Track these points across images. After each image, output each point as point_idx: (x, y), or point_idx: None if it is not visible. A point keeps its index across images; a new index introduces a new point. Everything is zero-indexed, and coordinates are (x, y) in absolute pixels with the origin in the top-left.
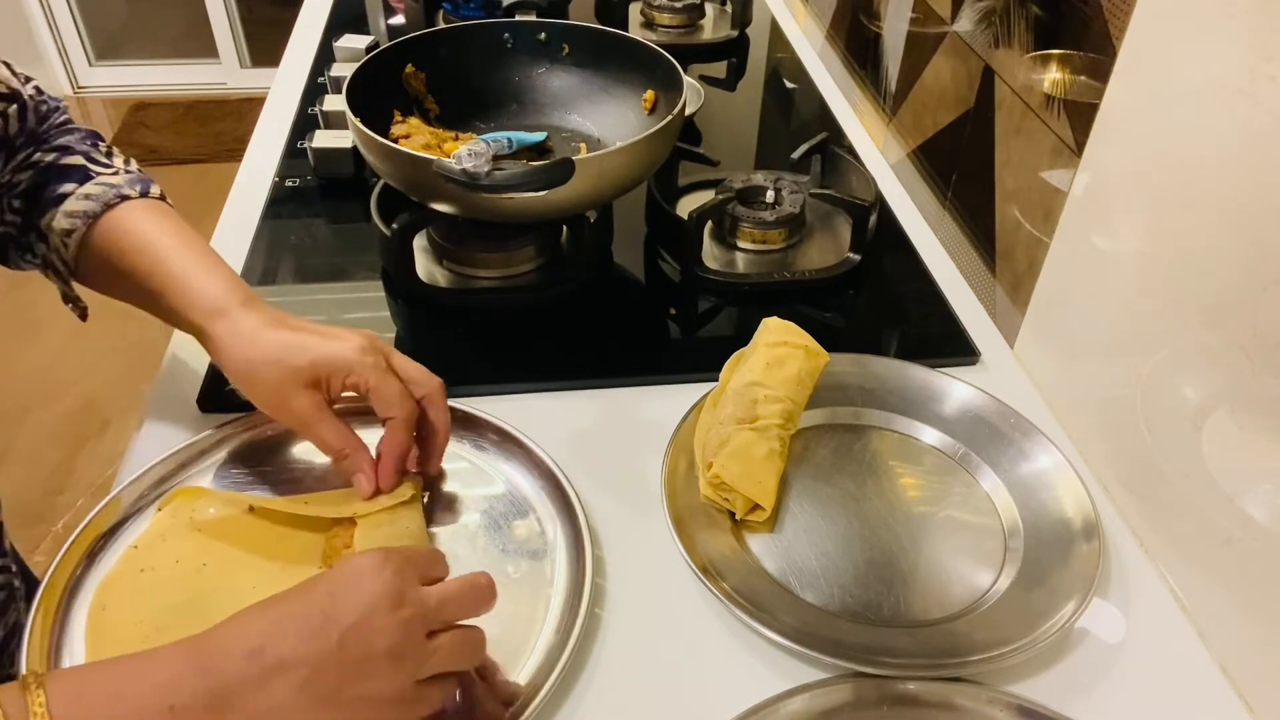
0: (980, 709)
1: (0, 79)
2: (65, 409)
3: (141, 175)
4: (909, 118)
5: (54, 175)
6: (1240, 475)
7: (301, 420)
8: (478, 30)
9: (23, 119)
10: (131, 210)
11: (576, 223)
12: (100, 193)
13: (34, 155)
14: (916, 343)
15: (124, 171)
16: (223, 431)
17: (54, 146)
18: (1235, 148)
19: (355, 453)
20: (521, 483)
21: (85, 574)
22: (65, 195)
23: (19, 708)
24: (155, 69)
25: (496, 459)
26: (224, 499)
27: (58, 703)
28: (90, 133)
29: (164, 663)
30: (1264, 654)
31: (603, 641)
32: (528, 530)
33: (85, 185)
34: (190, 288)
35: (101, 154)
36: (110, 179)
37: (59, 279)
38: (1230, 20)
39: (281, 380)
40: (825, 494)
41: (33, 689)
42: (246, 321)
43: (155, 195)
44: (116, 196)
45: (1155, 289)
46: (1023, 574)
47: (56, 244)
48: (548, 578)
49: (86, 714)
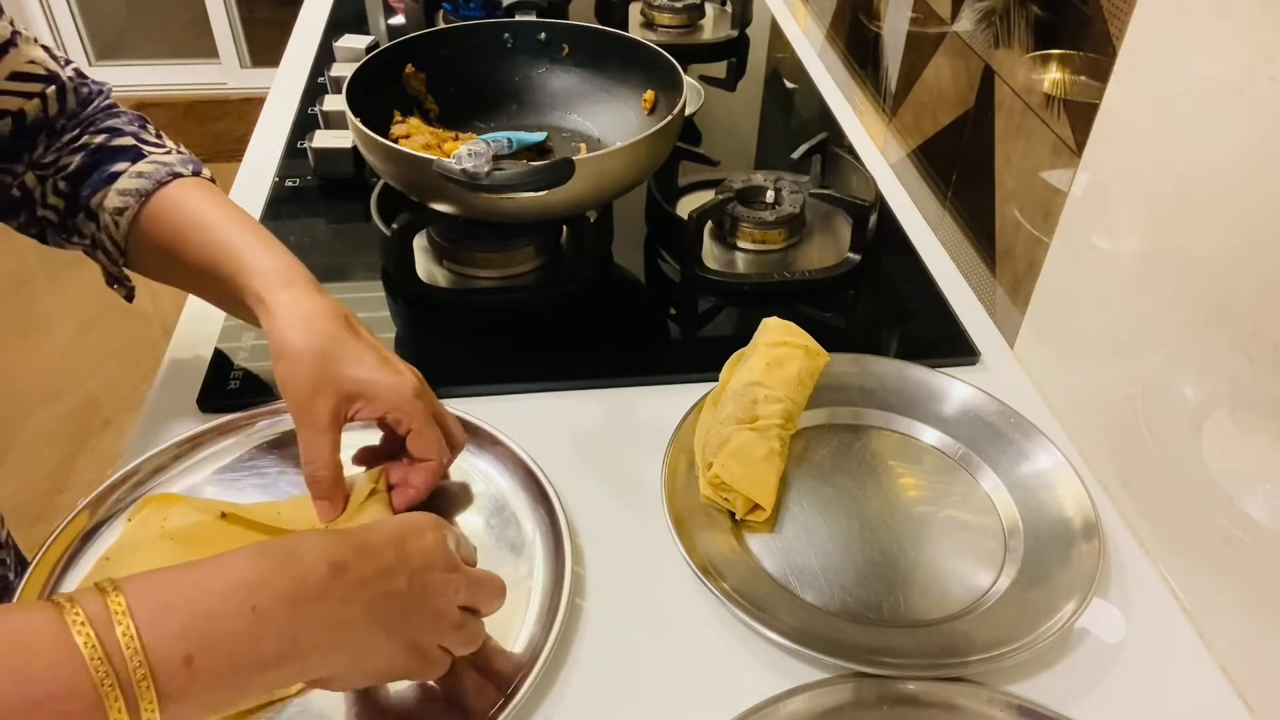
0: (980, 709)
1: (38, 61)
2: (65, 409)
3: (191, 157)
4: (909, 118)
5: (105, 155)
6: (1240, 475)
7: (313, 421)
8: (478, 30)
9: (62, 101)
10: (185, 187)
11: (576, 223)
12: (153, 170)
13: (82, 137)
14: (916, 343)
15: (176, 152)
16: (201, 434)
17: (103, 128)
18: (1235, 148)
19: (331, 481)
20: (499, 479)
21: (60, 581)
22: (118, 174)
23: (99, 609)
24: (155, 69)
25: (471, 456)
26: (195, 505)
27: (137, 602)
28: (137, 115)
29: (248, 564)
30: (1264, 654)
31: (603, 642)
32: (506, 525)
33: (138, 164)
34: (251, 257)
35: (151, 135)
36: (162, 157)
37: (108, 259)
38: (1230, 20)
39: (322, 378)
40: (825, 494)
41: (110, 593)
42: (313, 301)
43: (206, 176)
44: (169, 174)
45: (1155, 289)
46: (1023, 574)
47: (108, 222)
48: (526, 574)
49: (168, 611)
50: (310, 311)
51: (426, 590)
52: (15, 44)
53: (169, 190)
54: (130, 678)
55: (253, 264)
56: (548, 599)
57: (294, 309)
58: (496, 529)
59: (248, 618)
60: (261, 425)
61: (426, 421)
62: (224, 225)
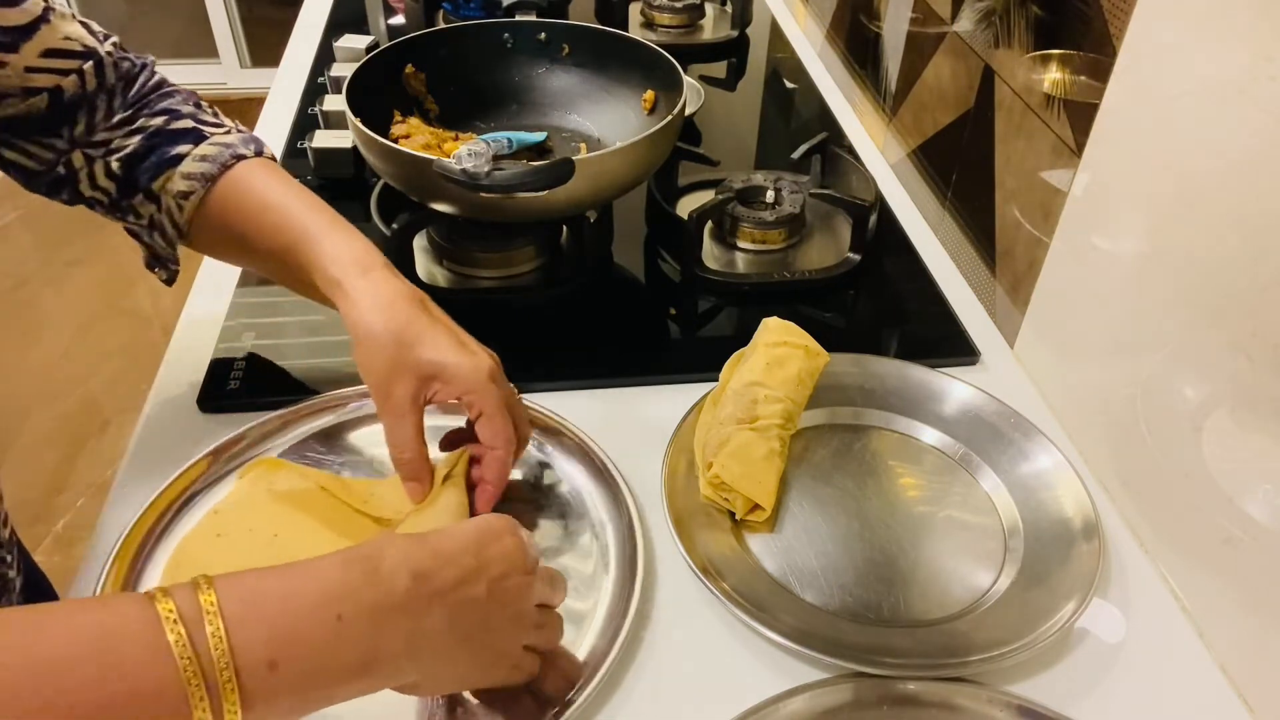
0: (980, 709)
1: (75, 37)
2: (65, 409)
3: (251, 135)
4: (909, 118)
5: (165, 139)
6: (1240, 475)
7: (395, 406)
8: (478, 30)
9: (100, 76)
10: (250, 169)
11: (576, 223)
12: (216, 153)
13: (138, 120)
14: (916, 343)
15: (235, 130)
16: (301, 410)
17: (159, 110)
18: (1235, 148)
19: (418, 462)
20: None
21: (168, 528)
22: (181, 157)
23: (192, 606)
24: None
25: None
26: (299, 473)
27: (229, 602)
28: (190, 94)
29: (334, 571)
30: (1264, 654)
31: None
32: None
33: (200, 146)
34: (328, 242)
35: (209, 114)
36: (224, 138)
37: (164, 240)
38: (1230, 20)
39: (400, 362)
40: (825, 494)
41: (203, 588)
42: (390, 285)
43: (268, 155)
44: (233, 157)
45: (1155, 289)
46: (1023, 574)
47: (170, 205)
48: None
49: (257, 614)
50: (388, 297)
51: (507, 596)
52: (48, 19)
53: (235, 173)
54: (216, 679)
55: (327, 250)
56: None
57: (371, 295)
58: (569, 529)
59: (332, 627)
60: (353, 406)
61: (498, 408)
62: (294, 209)
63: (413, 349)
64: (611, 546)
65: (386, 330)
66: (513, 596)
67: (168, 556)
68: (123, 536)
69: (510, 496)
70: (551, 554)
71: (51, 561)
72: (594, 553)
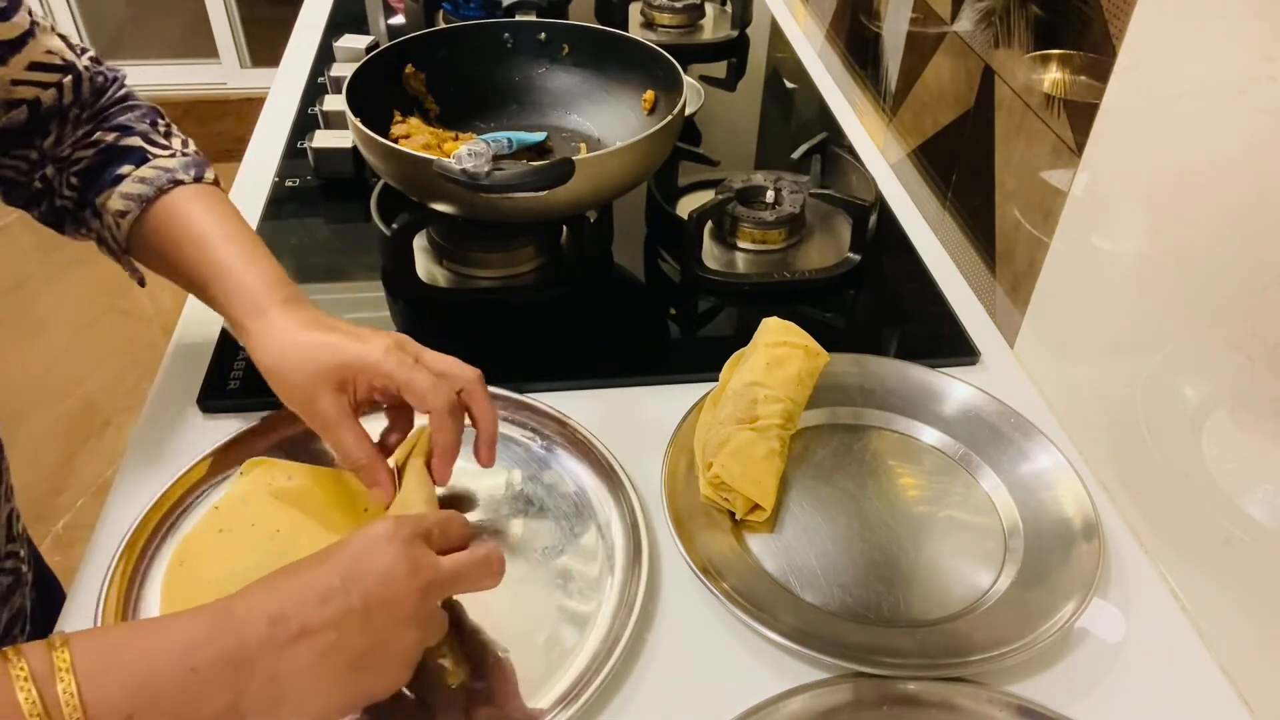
0: (980, 709)
1: (55, 50)
2: (65, 409)
3: (197, 158)
4: (909, 118)
5: (113, 156)
6: (1240, 475)
7: (324, 422)
8: (478, 30)
9: (77, 90)
10: (184, 197)
11: (576, 223)
12: (154, 176)
13: (95, 134)
14: (916, 343)
15: (180, 154)
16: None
17: (114, 125)
18: (1235, 148)
19: (372, 463)
20: (585, 481)
21: (173, 525)
22: (122, 177)
23: (44, 664)
24: (155, 69)
25: (563, 456)
26: (298, 470)
27: (82, 660)
28: (151, 109)
29: (189, 625)
30: (1264, 654)
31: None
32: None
33: (140, 168)
34: (234, 282)
35: (160, 134)
36: (165, 162)
37: (110, 253)
38: (1230, 20)
39: (308, 380)
40: (825, 494)
41: (57, 646)
42: (283, 321)
43: (209, 180)
44: (170, 181)
45: (1155, 289)
46: (1023, 574)
47: (110, 223)
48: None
49: (111, 672)
50: (280, 330)
51: (391, 606)
52: (33, 34)
53: (168, 199)
54: None
55: (234, 294)
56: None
57: (268, 335)
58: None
59: (188, 678)
60: None
61: (408, 371)
62: (212, 243)
63: (314, 364)
64: (617, 547)
65: (288, 361)
66: (400, 605)
67: (171, 554)
68: (127, 535)
69: (513, 496)
70: (557, 554)
71: (52, 561)
72: (599, 553)
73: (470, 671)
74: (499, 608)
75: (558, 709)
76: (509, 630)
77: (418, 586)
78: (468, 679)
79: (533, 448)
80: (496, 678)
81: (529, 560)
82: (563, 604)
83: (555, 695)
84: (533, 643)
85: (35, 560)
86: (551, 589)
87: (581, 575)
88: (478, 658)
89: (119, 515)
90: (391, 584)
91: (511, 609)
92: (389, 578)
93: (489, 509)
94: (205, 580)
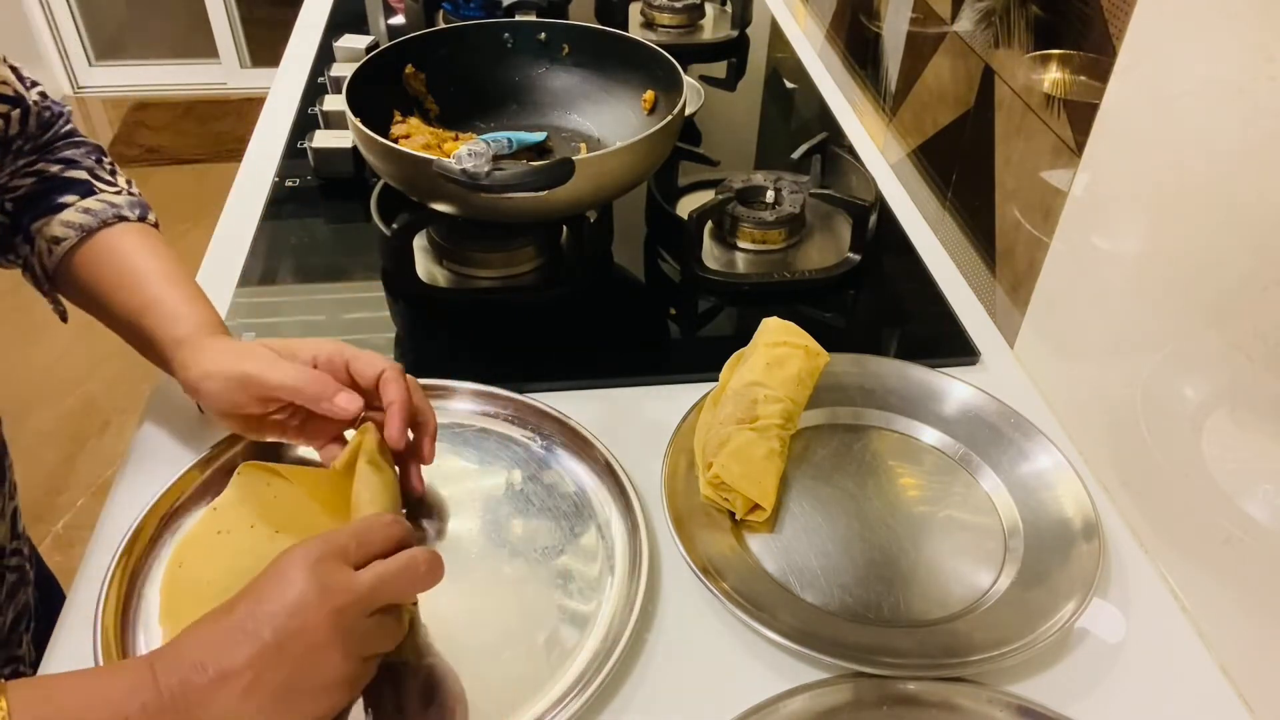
0: (980, 709)
1: (7, 81)
2: (65, 409)
3: (140, 200)
4: (909, 118)
5: (56, 186)
6: (1240, 475)
7: (258, 429)
8: (478, 30)
9: (24, 123)
10: (127, 232)
11: (576, 223)
12: (100, 209)
13: (38, 164)
14: (916, 343)
15: (127, 192)
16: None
17: (59, 159)
18: (1235, 148)
19: (321, 383)
20: (585, 481)
21: (172, 526)
22: (65, 205)
23: None
24: (155, 69)
25: (564, 457)
26: (292, 471)
27: (19, 710)
28: (95, 147)
29: (123, 675)
30: (1264, 654)
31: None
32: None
33: (87, 199)
34: (169, 311)
35: (105, 171)
36: (112, 197)
37: (33, 281)
38: (1230, 20)
39: (239, 405)
40: (825, 494)
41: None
42: (210, 348)
43: (150, 222)
44: (114, 216)
45: (1155, 289)
46: (1023, 574)
47: (41, 248)
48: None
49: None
50: (207, 353)
51: (305, 635)
52: None
53: (111, 232)
54: None
55: (165, 317)
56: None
57: (194, 359)
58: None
59: None
60: None
61: (350, 350)
62: (149, 279)
63: (231, 397)
64: (617, 548)
65: (207, 392)
66: (314, 633)
67: (170, 554)
68: (127, 535)
69: (514, 496)
70: (557, 554)
71: (52, 561)
72: (600, 554)
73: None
74: (498, 607)
75: (558, 709)
76: (509, 630)
77: (329, 610)
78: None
79: (532, 447)
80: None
81: (529, 560)
82: (563, 604)
83: (555, 695)
84: (533, 642)
85: (35, 560)
86: (551, 589)
87: (581, 575)
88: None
89: (119, 515)
90: (300, 613)
91: (511, 609)
92: (298, 607)
93: (489, 509)
94: (204, 581)
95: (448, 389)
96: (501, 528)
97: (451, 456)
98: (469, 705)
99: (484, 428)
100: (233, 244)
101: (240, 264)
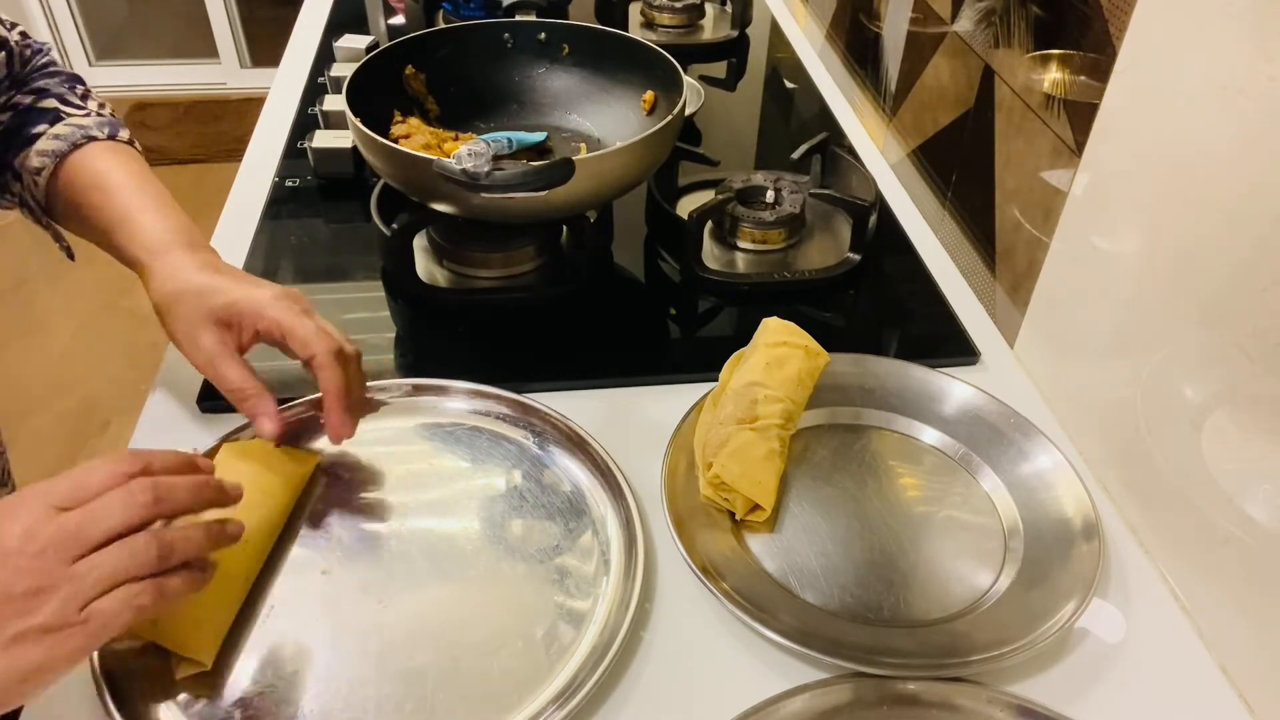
0: (980, 709)
1: None
2: (65, 409)
3: (112, 118)
4: (909, 118)
5: (30, 117)
6: (1240, 475)
7: (207, 356)
8: (478, 30)
9: (10, 65)
10: (98, 151)
11: (576, 223)
12: (69, 133)
13: (14, 98)
14: (916, 343)
15: (95, 114)
16: (299, 409)
17: (32, 89)
18: (1235, 147)
19: (257, 396)
20: (581, 479)
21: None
22: (37, 135)
23: None
24: (155, 69)
25: (558, 454)
26: (251, 446)
27: None
28: (70, 76)
29: None
30: (1264, 654)
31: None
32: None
33: (55, 126)
34: (138, 225)
35: (76, 96)
36: (80, 120)
37: (32, 217)
38: (1230, 20)
39: (194, 315)
40: (825, 494)
41: None
42: (181, 260)
43: (123, 139)
44: (84, 137)
45: (1155, 289)
46: (1023, 574)
47: (29, 182)
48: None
49: None
50: (176, 268)
51: (8, 584)
52: None
53: (81, 153)
54: None
55: (138, 235)
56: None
57: (164, 273)
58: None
59: None
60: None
61: (293, 318)
62: (121, 191)
63: (202, 301)
64: (612, 545)
65: (178, 297)
66: (18, 580)
67: None
68: None
69: (511, 495)
70: (553, 552)
71: None
72: (595, 552)
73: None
74: (495, 605)
75: (553, 707)
76: (505, 627)
77: (35, 553)
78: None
79: (529, 448)
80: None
81: (525, 559)
82: (559, 601)
83: (552, 692)
84: (530, 639)
85: None
86: (548, 587)
87: (578, 573)
88: (468, 658)
89: None
90: (5, 561)
91: (508, 607)
92: (3, 556)
93: (486, 508)
94: None
95: (443, 388)
96: (498, 527)
97: (448, 456)
98: (466, 703)
99: (480, 427)
100: (233, 244)
101: (240, 264)
